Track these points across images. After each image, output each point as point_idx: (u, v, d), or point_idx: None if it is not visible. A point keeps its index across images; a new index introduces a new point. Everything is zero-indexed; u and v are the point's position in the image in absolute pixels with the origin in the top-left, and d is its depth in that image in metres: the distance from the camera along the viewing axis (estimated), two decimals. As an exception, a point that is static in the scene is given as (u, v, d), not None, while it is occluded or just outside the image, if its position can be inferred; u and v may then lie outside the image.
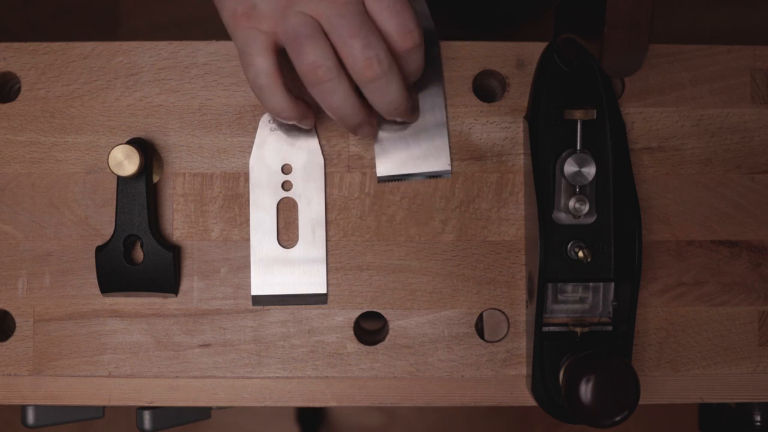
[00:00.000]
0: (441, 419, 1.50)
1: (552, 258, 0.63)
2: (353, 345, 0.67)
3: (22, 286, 0.66)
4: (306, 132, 0.67)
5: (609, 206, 0.64)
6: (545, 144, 0.64)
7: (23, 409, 0.67)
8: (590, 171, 0.63)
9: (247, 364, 0.67)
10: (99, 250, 0.64)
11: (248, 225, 0.67)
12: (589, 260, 0.62)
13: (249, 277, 0.67)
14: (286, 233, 0.67)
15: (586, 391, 0.58)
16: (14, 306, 0.66)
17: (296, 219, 0.67)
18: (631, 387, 0.58)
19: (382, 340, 0.67)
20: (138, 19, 1.49)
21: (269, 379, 0.67)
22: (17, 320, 0.66)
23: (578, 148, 0.63)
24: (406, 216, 0.67)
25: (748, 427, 0.71)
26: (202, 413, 0.71)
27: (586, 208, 0.63)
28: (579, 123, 0.62)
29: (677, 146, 0.68)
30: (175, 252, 0.65)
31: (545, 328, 0.64)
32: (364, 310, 0.67)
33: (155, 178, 0.66)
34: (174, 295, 0.66)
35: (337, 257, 0.67)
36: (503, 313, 0.67)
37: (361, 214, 0.67)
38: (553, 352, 0.63)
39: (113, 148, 0.62)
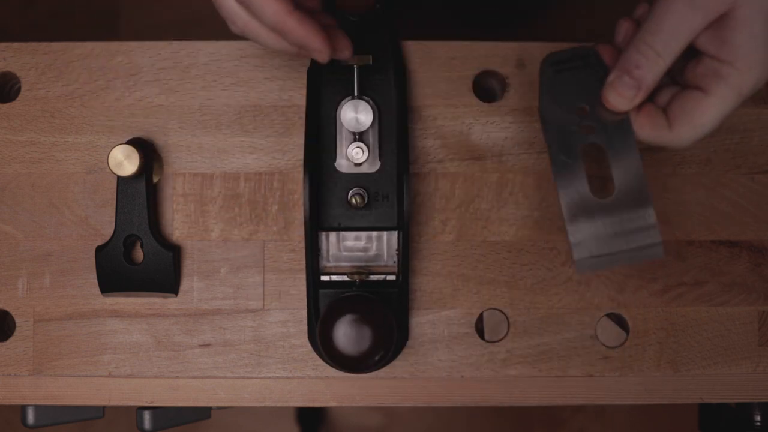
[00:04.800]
0: (441, 419, 1.50)
1: (331, 206, 0.64)
2: (353, 345, 0.67)
3: (22, 286, 0.66)
4: None
5: (393, 155, 0.64)
6: (328, 92, 0.64)
7: (23, 409, 0.67)
8: (366, 118, 0.63)
9: (247, 364, 0.67)
10: (99, 250, 0.64)
11: (248, 225, 0.67)
12: (361, 207, 0.63)
13: (249, 277, 0.67)
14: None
15: (336, 336, 0.58)
16: (14, 306, 0.66)
17: None
18: (382, 328, 0.58)
19: (381, 340, 0.67)
20: (138, 19, 1.49)
21: (269, 379, 0.67)
22: (17, 320, 0.66)
23: (355, 94, 0.63)
24: (406, 216, 0.67)
25: (748, 427, 0.71)
26: (202, 413, 0.71)
27: (362, 155, 0.63)
28: (356, 69, 0.63)
29: (677, 146, 0.68)
30: (175, 252, 0.65)
31: (326, 277, 0.64)
32: (364, 310, 0.67)
33: (155, 178, 0.66)
34: (174, 295, 0.66)
35: (337, 257, 0.67)
36: (503, 313, 0.67)
37: (361, 214, 0.67)
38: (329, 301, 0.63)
39: (113, 148, 0.62)
